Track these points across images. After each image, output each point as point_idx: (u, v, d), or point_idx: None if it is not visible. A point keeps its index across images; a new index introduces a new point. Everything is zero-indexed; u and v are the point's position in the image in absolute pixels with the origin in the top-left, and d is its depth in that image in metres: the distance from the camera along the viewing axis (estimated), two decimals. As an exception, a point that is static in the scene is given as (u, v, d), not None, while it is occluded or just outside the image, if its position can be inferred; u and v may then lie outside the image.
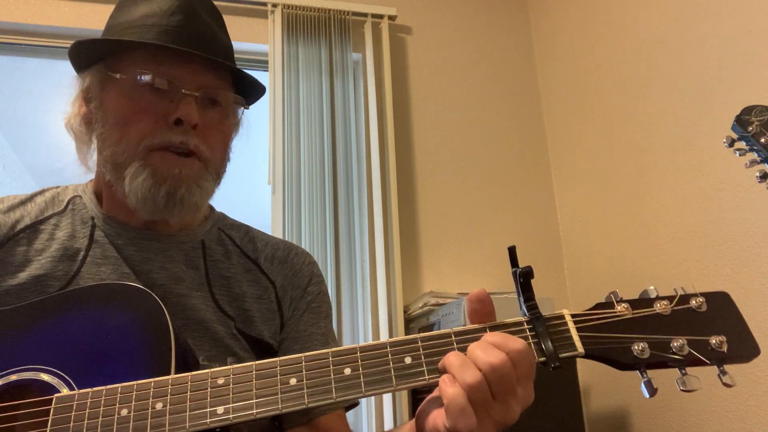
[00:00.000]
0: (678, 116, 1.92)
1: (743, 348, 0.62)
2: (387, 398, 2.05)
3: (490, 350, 0.59)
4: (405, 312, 2.19)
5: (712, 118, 1.79)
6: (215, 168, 0.87)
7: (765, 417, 1.57)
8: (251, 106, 0.97)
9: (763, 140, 0.85)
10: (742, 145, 0.88)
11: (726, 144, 0.89)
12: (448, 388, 0.57)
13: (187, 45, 0.81)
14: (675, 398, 1.84)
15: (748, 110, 0.88)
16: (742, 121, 0.88)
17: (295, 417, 0.87)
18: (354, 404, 0.93)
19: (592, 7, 2.39)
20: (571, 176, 2.47)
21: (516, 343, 0.60)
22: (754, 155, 0.87)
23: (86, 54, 0.86)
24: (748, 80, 1.68)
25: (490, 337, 0.61)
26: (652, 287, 0.66)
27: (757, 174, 0.84)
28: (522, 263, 0.65)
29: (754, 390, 1.60)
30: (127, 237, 0.86)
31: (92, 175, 0.92)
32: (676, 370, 0.62)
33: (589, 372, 2.18)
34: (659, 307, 0.64)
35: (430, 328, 2.05)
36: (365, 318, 2.15)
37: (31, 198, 0.90)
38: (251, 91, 0.93)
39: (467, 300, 0.65)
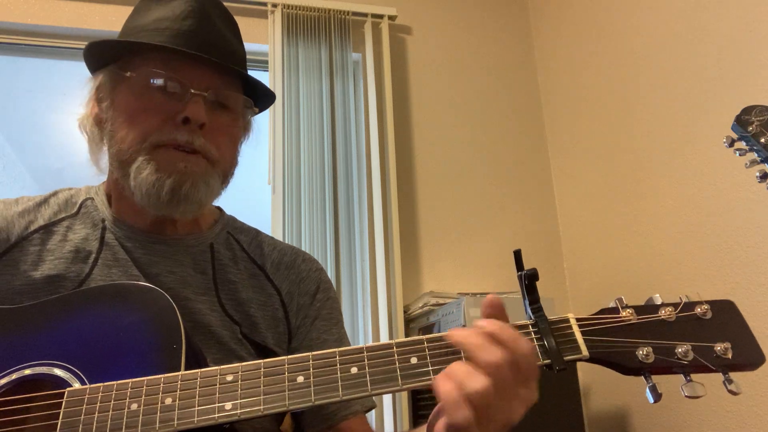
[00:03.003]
0: (678, 116, 1.92)
1: (748, 355, 0.62)
2: (387, 401, 2.05)
3: (490, 348, 0.59)
4: (405, 312, 2.19)
5: (712, 118, 1.79)
6: (222, 169, 0.87)
7: (765, 417, 1.57)
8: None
9: (763, 140, 0.85)
10: (742, 145, 0.88)
11: (726, 144, 0.89)
12: (441, 386, 0.58)
13: (199, 49, 0.82)
14: (675, 399, 1.83)
15: (748, 110, 0.88)
16: (742, 121, 0.88)
17: (316, 423, 0.87)
18: (371, 406, 0.92)
19: (591, 8, 2.39)
20: (571, 176, 2.47)
21: (518, 343, 0.59)
22: (754, 155, 0.87)
23: (100, 55, 0.87)
24: (748, 80, 1.68)
25: (489, 326, 0.60)
26: (657, 295, 0.66)
27: (757, 174, 0.84)
28: (522, 264, 0.65)
29: (754, 390, 1.60)
30: (136, 240, 0.87)
31: (104, 177, 0.93)
32: (681, 376, 0.62)
33: (590, 373, 2.17)
34: (664, 313, 0.64)
35: (430, 328, 2.05)
36: (365, 318, 2.15)
37: (45, 200, 0.91)
38: (261, 99, 0.94)
39: (482, 305, 0.65)
